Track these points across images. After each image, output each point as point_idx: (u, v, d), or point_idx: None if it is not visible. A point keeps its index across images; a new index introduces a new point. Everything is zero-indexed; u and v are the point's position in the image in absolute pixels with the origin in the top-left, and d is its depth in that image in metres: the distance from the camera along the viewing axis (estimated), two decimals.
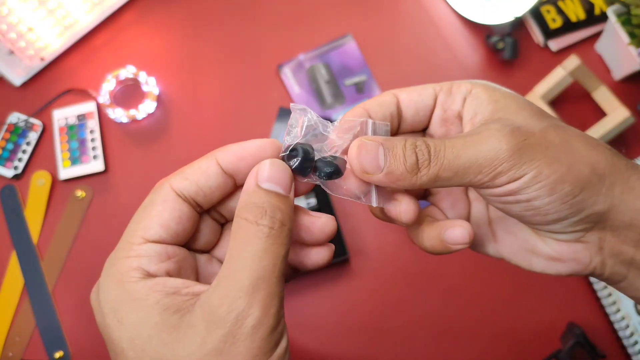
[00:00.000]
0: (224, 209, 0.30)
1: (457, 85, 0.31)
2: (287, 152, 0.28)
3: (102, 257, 0.88)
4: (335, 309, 0.72)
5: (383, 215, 0.32)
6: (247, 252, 0.25)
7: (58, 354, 0.71)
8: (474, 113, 0.30)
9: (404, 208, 0.30)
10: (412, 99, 0.31)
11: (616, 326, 0.68)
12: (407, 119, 0.32)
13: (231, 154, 0.28)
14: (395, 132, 0.32)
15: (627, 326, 0.67)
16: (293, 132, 0.29)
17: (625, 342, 0.67)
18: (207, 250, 0.31)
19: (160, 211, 0.27)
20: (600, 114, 0.74)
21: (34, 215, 0.76)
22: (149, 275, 0.26)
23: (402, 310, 0.72)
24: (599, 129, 0.72)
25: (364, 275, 0.73)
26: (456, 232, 0.31)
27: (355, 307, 0.72)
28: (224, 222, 0.31)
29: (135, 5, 0.84)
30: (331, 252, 0.31)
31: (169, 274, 0.27)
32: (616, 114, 0.72)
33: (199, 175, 0.28)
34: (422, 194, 0.35)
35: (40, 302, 0.72)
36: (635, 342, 0.66)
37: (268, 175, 0.27)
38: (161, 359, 0.24)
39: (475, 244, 0.34)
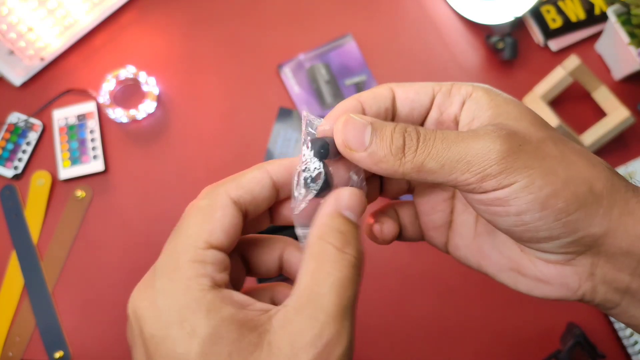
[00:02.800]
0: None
1: (457, 87, 0.29)
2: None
3: (102, 257, 0.88)
4: None
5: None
6: (334, 278, 0.24)
7: (58, 354, 0.71)
8: (472, 117, 0.28)
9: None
10: (408, 97, 0.30)
11: (616, 326, 0.68)
12: (400, 115, 0.30)
13: (282, 167, 0.28)
14: None
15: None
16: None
17: (625, 342, 0.67)
18: None
19: (222, 216, 0.26)
20: (600, 114, 0.74)
21: (34, 215, 0.76)
22: (216, 284, 0.25)
23: (401, 310, 0.72)
24: (599, 129, 0.72)
25: (363, 275, 0.73)
26: (377, 229, 0.33)
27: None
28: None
29: (135, 5, 0.84)
30: None
31: (226, 287, 0.26)
32: (616, 114, 0.72)
33: (254, 184, 0.28)
34: (407, 188, 0.34)
35: (40, 302, 0.72)
36: (635, 342, 0.66)
37: (349, 203, 0.27)
38: None
39: (459, 257, 0.34)
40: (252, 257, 0.31)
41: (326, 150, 0.27)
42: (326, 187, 0.28)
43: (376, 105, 0.29)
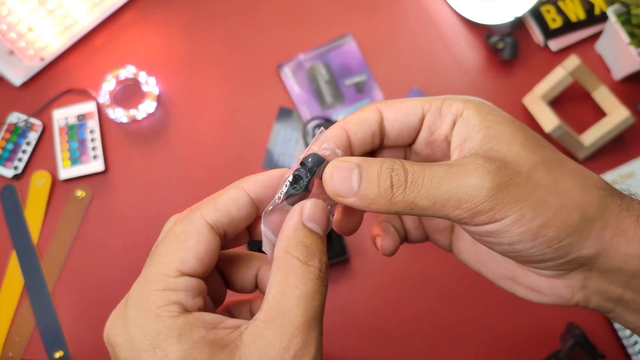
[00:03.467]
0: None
1: (448, 104, 0.29)
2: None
3: (102, 257, 0.88)
4: (335, 309, 0.72)
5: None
6: (299, 291, 0.25)
7: (58, 354, 0.71)
8: (464, 139, 0.28)
9: (385, 244, 0.34)
10: (397, 118, 0.29)
11: (616, 326, 0.68)
12: (390, 137, 0.30)
13: (259, 183, 0.28)
14: (377, 148, 0.31)
15: None
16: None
17: (625, 342, 0.67)
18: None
19: (196, 243, 0.26)
20: (600, 114, 0.74)
21: (34, 215, 0.76)
22: (186, 310, 0.25)
23: (402, 311, 0.72)
24: (599, 129, 0.72)
25: (364, 275, 0.73)
26: (379, 243, 0.34)
27: (355, 307, 0.72)
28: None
29: (135, 5, 0.84)
30: None
31: (199, 310, 0.26)
32: (616, 114, 0.72)
33: (231, 206, 0.28)
34: None
35: (40, 302, 0.72)
36: (635, 342, 0.66)
37: (311, 214, 0.27)
38: None
39: (461, 260, 0.34)
40: (228, 273, 0.31)
41: (318, 167, 0.28)
42: (304, 191, 0.28)
43: (362, 131, 0.29)
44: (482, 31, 0.81)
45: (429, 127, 0.29)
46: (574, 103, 0.77)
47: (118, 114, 0.77)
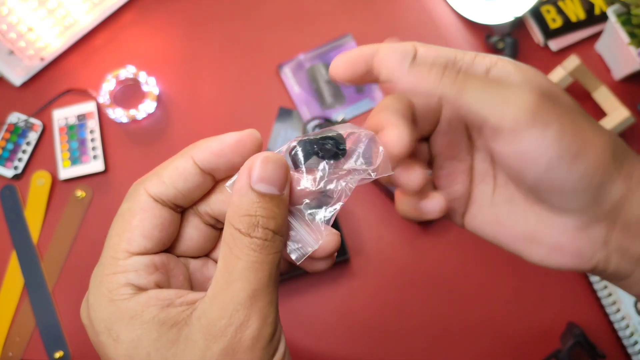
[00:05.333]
0: (212, 209, 0.29)
1: (481, 57, 0.29)
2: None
3: None
4: (335, 309, 0.72)
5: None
6: (242, 263, 0.24)
7: (58, 354, 0.71)
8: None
9: (412, 176, 0.30)
10: (429, 56, 0.31)
11: (616, 326, 0.68)
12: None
13: (208, 152, 0.26)
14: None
15: (627, 326, 0.67)
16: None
17: (625, 342, 0.67)
18: (202, 255, 0.30)
19: (141, 220, 0.26)
20: (600, 114, 0.74)
21: (34, 215, 0.76)
22: (140, 289, 0.25)
23: (402, 311, 0.72)
24: None
25: (364, 276, 0.73)
26: (429, 204, 0.31)
27: (356, 307, 0.72)
28: (220, 227, 0.30)
29: (135, 5, 0.84)
30: (330, 262, 0.30)
31: (158, 286, 0.26)
32: (616, 114, 0.72)
33: (176, 177, 0.26)
34: (427, 163, 0.33)
35: (40, 302, 0.72)
36: (635, 342, 0.66)
37: (260, 174, 0.24)
38: None
39: (474, 227, 0.33)
40: None
41: (324, 150, 0.26)
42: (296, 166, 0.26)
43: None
44: (482, 31, 0.81)
45: None
46: None
47: (118, 114, 0.77)
